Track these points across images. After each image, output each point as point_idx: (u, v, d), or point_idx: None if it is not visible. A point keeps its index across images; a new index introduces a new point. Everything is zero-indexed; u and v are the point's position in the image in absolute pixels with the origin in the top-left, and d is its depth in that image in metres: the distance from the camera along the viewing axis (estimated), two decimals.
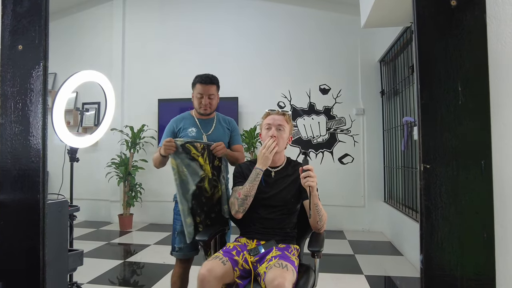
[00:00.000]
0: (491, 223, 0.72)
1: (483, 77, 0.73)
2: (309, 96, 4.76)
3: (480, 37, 0.74)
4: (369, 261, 3.34)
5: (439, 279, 0.73)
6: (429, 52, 0.75)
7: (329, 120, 4.69)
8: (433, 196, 0.73)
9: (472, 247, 0.72)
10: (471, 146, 0.72)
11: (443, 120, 0.72)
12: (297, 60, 4.79)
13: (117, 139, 4.95)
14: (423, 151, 0.73)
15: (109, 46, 5.23)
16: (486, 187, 0.72)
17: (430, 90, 0.73)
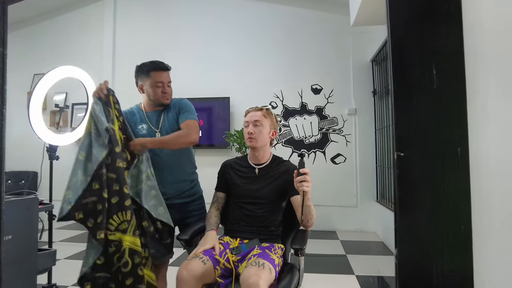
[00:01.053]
0: (468, 213, 0.68)
1: (458, 61, 0.70)
2: (301, 96, 4.73)
3: (456, 20, 0.70)
4: (361, 261, 3.30)
5: (414, 274, 0.69)
6: (402, 35, 0.71)
7: (321, 120, 4.66)
8: (408, 186, 0.69)
9: (449, 239, 0.68)
10: (447, 132, 0.68)
11: (418, 105, 0.69)
12: (289, 60, 4.76)
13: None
14: (397, 137, 0.69)
15: (100, 47, 5.17)
16: (463, 175, 0.68)
17: (404, 74, 0.70)
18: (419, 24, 0.71)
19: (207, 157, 4.83)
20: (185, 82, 4.92)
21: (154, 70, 1.93)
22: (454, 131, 0.69)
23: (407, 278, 0.68)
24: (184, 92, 4.87)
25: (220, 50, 4.92)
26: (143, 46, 5.11)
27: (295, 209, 1.65)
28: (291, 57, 4.76)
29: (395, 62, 0.71)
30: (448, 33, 0.70)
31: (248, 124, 1.74)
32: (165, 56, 5.12)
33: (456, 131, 0.69)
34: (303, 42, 4.76)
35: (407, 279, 0.67)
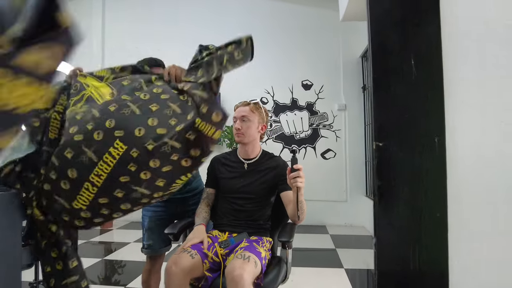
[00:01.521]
0: (444, 201, 0.70)
1: (436, 52, 0.71)
2: (291, 91, 4.75)
3: (434, 12, 0.71)
4: (350, 255, 3.34)
5: (393, 261, 0.71)
6: (382, 26, 0.72)
7: (311, 116, 4.68)
8: (386, 175, 0.71)
9: (426, 226, 0.70)
10: (425, 122, 0.70)
11: (396, 96, 0.70)
12: (279, 55, 4.76)
13: None
14: (376, 128, 0.70)
15: (89, 43, 5.10)
16: (440, 164, 0.70)
17: (383, 65, 0.71)
18: (398, 16, 0.72)
19: None
20: None
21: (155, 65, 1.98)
22: (432, 121, 0.70)
23: (386, 264, 0.69)
24: None
25: None
26: (133, 43, 5.05)
27: (285, 204, 1.65)
28: (282, 52, 4.76)
29: (374, 53, 0.72)
30: (427, 25, 0.71)
31: (236, 120, 1.74)
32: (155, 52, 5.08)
33: (434, 121, 0.70)
34: (293, 38, 4.76)
35: (386, 266, 0.69)
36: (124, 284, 2.67)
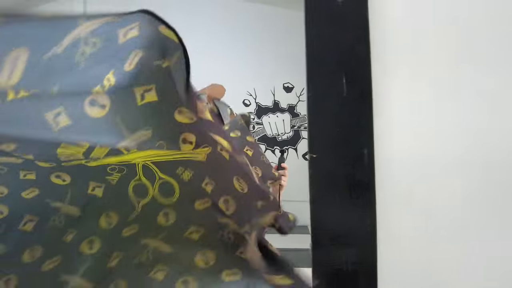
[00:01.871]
0: (373, 210, 0.75)
1: (366, 71, 0.76)
2: (273, 94, 4.81)
3: (363, 29, 0.77)
4: None
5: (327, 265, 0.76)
6: (315, 43, 0.78)
7: (293, 118, 4.75)
8: (320, 185, 0.76)
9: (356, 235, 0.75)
10: (355, 136, 0.75)
11: (328, 111, 0.75)
12: (261, 58, 4.82)
13: None
14: (310, 140, 0.75)
15: None
16: (369, 174, 0.75)
17: (317, 81, 0.76)
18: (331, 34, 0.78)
19: None
20: None
21: None
22: (362, 134, 0.76)
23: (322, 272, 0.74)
24: None
25: (192, 49, 4.92)
26: None
27: None
28: (263, 55, 4.82)
29: (309, 68, 0.78)
30: (356, 42, 0.77)
31: None
32: None
33: (363, 134, 0.76)
34: (274, 40, 4.82)
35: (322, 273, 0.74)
36: None
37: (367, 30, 0.77)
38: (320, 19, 0.78)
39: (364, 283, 0.75)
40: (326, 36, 0.77)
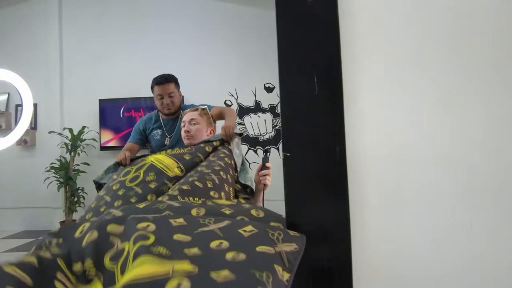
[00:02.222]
0: (346, 205, 0.77)
1: (337, 68, 0.78)
2: (255, 94, 4.81)
3: (333, 29, 0.78)
4: None
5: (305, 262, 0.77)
6: (287, 43, 0.78)
7: (274, 118, 4.77)
8: (294, 183, 0.77)
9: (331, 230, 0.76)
10: (327, 133, 0.77)
11: (300, 110, 0.76)
12: (242, 58, 4.82)
13: (56, 142, 4.70)
14: (283, 139, 0.76)
15: (44, 43, 4.94)
16: (341, 171, 0.77)
17: (288, 80, 0.77)
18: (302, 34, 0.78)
19: None
20: (138, 83, 4.83)
21: (155, 84, 2.15)
22: (333, 132, 0.77)
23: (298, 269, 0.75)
24: (136, 92, 4.81)
25: (172, 50, 4.89)
26: (92, 43, 4.95)
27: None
28: (244, 56, 4.82)
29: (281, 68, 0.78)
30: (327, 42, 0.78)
31: (185, 124, 1.78)
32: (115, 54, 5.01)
33: (335, 131, 0.77)
34: (254, 41, 4.83)
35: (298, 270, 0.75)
36: None
37: (337, 29, 0.78)
38: (290, 19, 0.79)
39: (339, 279, 0.76)
40: (296, 35, 0.78)
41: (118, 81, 4.83)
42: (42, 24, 4.96)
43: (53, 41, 4.93)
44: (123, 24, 4.94)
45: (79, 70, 4.94)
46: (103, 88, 4.83)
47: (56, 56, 4.91)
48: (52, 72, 4.86)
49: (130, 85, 4.84)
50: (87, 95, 4.85)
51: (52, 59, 4.91)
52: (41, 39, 4.95)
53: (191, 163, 1.47)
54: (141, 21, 4.93)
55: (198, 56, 4.87)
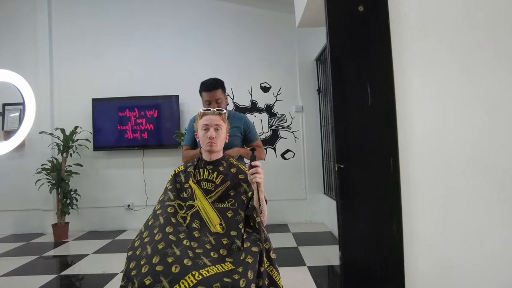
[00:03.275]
0: (399, 215, 0.78)
1: (389, 79, 0.79)
2: (251, 94, 4.80)
3: (385, 40, 0.79)
4: (312, 252, 3.47)
5: (357, 271, 0.78)
6: (339, 58, 0.79)
7: (270, 118, 4.77)
8: (348, 194, 0.77)
9: (384, 238, 0.77)
10: (380, 145, 0.77)
11: (354, 121, 0.77)
12: (238, 58, 4.80)
13: (47, 143, 4.57)
14: (337, 151, 0.77)
15: (33, 41, 4.78)
16: (394, 182, 0.78)
17: (342, 93, 0.77)
18: (354, 46, 0.79)
19: (156, 158, 4.73)
20: (132, 81, 4.75)
21: (203, 91, 2.24)
22: (387, 143, 0.78)
23: (351, 275, 0.75)
24: (131, 90, 4.73)
25: (168, 48, 4.82)
26: (83, 41, 4.82)
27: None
28: (240, 55, 4.80)
29: (334, 78, 0.78)
30: (380, 52, 0.79)
31: (209, 128, 1.73)
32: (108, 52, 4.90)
33: (389, 143, 0.78)
34: (251, 40, 4.82)
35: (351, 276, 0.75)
36: None
37: (388, 39, 0.79)
38: (341, 29, 0.80)
39: (393, 284, 0.77)
40: (349, 45, 0.79)
41: (111, 80, 4.74)
42: (31, 21, 4.81)
43: (42, 38, 4.78)
44: (116, 21, 4.84)
45: (70, 69, 4.81)
46: (96, 87, 4.72)
47: (45, 54, 4.77)
48: (41, 70, 4.71)
49: (124, 84, 4.75)
50: (79, 94, 4.73)
51: (41, 57, 4.76)
52: (30, 36, 4.79)
53: (233, 222, 1.58)
54: (134, 18, 4.84)
55: (193, 55, 4.82)
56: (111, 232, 4.56)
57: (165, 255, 1.38)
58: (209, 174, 1.75)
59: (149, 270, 1.32)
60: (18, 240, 4.35)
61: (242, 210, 1.62)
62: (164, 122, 4.66)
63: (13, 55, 4.72)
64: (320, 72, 4.71)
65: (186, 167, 1.86)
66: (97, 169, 4.77)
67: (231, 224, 1.58)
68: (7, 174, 4.63)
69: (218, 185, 1.71)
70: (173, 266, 1.32)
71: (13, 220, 4.65)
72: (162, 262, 1.34)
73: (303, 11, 2.84)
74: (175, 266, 1.31)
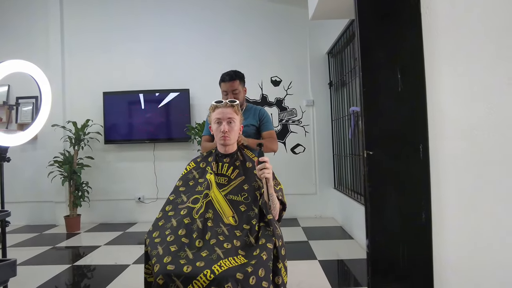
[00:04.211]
0: (428, 205, 0.76)
1: (419, 65, 0.77)
2: (261, 88, 4.78)
3: (416, 26, 0.77)
4: (322, 246, 3.46)
5: (384, 261, 0.76)
6: (369, 41, 0.77)
7: (281, 112, 4.75)
8: (376, 181, 0.76)
9: (412, 229, 0.76)
10: (410, 131, 0.75)
11: (384, 107, 0.75)
12: (248, 51, 4.77)
13: (59, 135, 4.61)
14: (366, 138, 0.75)
15: (45, 33, 4.81)
16: (424, 170, 0.76)
17: (371, 78, 0.75)
18: (384, 30, 0.77)
19: (166, 151, 4.74)
20: (143, 75, 4.76)
21: (221, 81, 2.30)
22: (417, 130, 0.76)
23: (378, 264, 0.74)
24: (142, 84, 4.74)
25: (178, 41, 4.81)
26: (94, 35, 4.84)
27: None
28: (251, 49, 4.77)
29: (363, 63, 0.76)
30: (410, 36, 0.77)
31: (221, 122, 1.71)
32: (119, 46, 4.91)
33: (419, 130, 0.76)
34: (261, 34, 4.78)
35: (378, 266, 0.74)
36: None
37: (419, 25, 0.77)
38: (372, 13, 0.77)
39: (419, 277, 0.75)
40: (378, 30, 0.76)
41: (122, 74, 4.76)
42: (43, 14, 4.83)
43: (54, 31, 4.81)
44: (126, 15, 4.84)
45: (81, 62, 4.83)
46: (107, 81, 4.74)
47: (57, 47, 4.80)
48: (53, 64, 4.74)
49: (135, 78, 4.76)
50: (90, 87, 4.76)
51: (53, 50, 4.79)
52: (42, 28, 4.82)
53: (246, 216, 1.59)
54: (145, 13, 4.84)
55: (204, 49, 4.80)
56: (122, 225, 4.61)
57: (177, 257, 1.39)
58: (223, 168, 1.75)
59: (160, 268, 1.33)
60: (32, 231, 4.41)
61: (255, 206, 1.61)
62: (175, 116, 4.66)
63: (26, 47, 4.77)
64: (331, 66, 4.66)
65: (197, 163, 1.85)
66: (108, 162, 4.80)
67: (244, 218, 1.58)
68: (21, 166, 4.68)
69: (232, 179, 1.71)
70: (185, 266, 1.32)
71: (26, 211, 4.72)
72: (174, 262, 1.35)
73: (317, 3, 2.80)
74: (186, 267, 1.32)
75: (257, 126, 2.33)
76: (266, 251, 1.43)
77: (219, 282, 1.26)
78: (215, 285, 1.26)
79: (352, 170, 3.96)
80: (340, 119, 4.33)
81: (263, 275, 1.35)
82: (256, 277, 1.32)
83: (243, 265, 1.35)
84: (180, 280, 1.27)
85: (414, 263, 0.75)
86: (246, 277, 1.30)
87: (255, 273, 1.33)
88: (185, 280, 1.27)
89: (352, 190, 3.92)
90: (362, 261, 3.01)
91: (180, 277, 1.28)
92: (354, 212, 3.69)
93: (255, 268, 1.34)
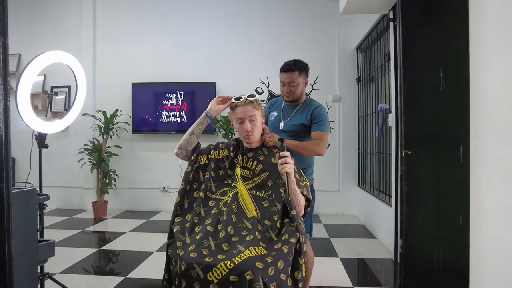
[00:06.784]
0: (467, 208, 0.73)
1: (464, 64, 0.73)
2: None
3: (462, 24, 0.74)
4: (344, 244, 3.43)
5: (417, 262, 0.75)
6: (411, 37, 0.74)
7: None
8: (413, 181, 0.74)
9: (449, 231, 0.73)
10: (451, 132, 0.73)
11: (424, 106, 0.73)
12: (275, 45, 4.74)
13: (89, 124, 4.77)
14: (405, 137, 0.73)
15: (79, 26, 4.96)
16: (464, 172, 0.73)
17: (412, 76, 0.73)
18: (428, 26, 0.74)
19: None
20: (170, 67, 4.83)
21: (281, 71, 2.18)
22: (457, 131, 0.73)
23: (410, 267, 0.73)
24: (169, 76, 4.81)
25: (206, 36, 4.84)
26: (124, 27, 4.95)
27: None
28: (277, 42, 4.74)
29: (405, 62, 0.74)
30: (456, 34, 0.74)
31: (243, 121, 1.69)
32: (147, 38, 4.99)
33: (459, 131, 0.73)
34: (289, 28, 4.74)
35: (411, 267, 0.72)
36: (119, 274, 2.69)
37: (466, 23, 0.73)
38: (414, 8, 0.75)
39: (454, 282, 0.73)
40: (422, 25, 0.74)
41: (150, 66, 4.85)
42: (77, 8, 4.98)
43: (86, 23, 4.95)
44: (155, 9, 4.91)
45: (111, 53, 4.96)
46: (135, 72, 4.85)
47: (89, 39, 4.94)
48: (85, 55, 4.89)
49: (162, 70, 4.84)
50: (119, 78, 4.88)
51: (85, 42, 4.94)
52: (76, 21, 4.97)
53: (268, 212, 1.59)
54: (173, 6, 4.89)
55: (230, 42, 4.81)
56: (146, 213, 4.73)
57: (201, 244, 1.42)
58: (248, 162, 1.75)
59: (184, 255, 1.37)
60: (62, 214, 4.61)
61: (279, 202, 1.60)
62: (200, 108, 4.70)
63: (59, 39, 4.93)
64: (360, 61, 4.56)
65: (229, 152, 1.83)
66: (135, 152, 4.93)
67: (266, 214, 1.58)
68: (54, 152, 4.86)
69: (257, 174, 1.71)
70: (207, 257, 1.36)
71: (58, 195, 4.92)
72: (197, 250, 1.38)
73: None
74: (208, 258, 1.36)
75: (308, 125, 2.11)
76: (287, 245, 1.43)
77: (240, 271, 1.28)
78: (236, 273, 1.27)
79: (378, 169, 3.88)
80: (367, 116, 4.24)
81: (282, 268, 1.36)
82: (275, 268, 1.33)
83: (263, 256, 1.36)
84: (201, 268, 1.30)
85: (449, 267, 0.73)
86: (266, 267, 1.31)
87: (275, 264, 1.34)
88: (205, 268, 1.31)
89: (377, 189, 3.85)
90: (383, 261, 2.96)
91: (200, 264, 1.31)
92: (378, 211, 3.63)
93: (274, 259, 1.35)
